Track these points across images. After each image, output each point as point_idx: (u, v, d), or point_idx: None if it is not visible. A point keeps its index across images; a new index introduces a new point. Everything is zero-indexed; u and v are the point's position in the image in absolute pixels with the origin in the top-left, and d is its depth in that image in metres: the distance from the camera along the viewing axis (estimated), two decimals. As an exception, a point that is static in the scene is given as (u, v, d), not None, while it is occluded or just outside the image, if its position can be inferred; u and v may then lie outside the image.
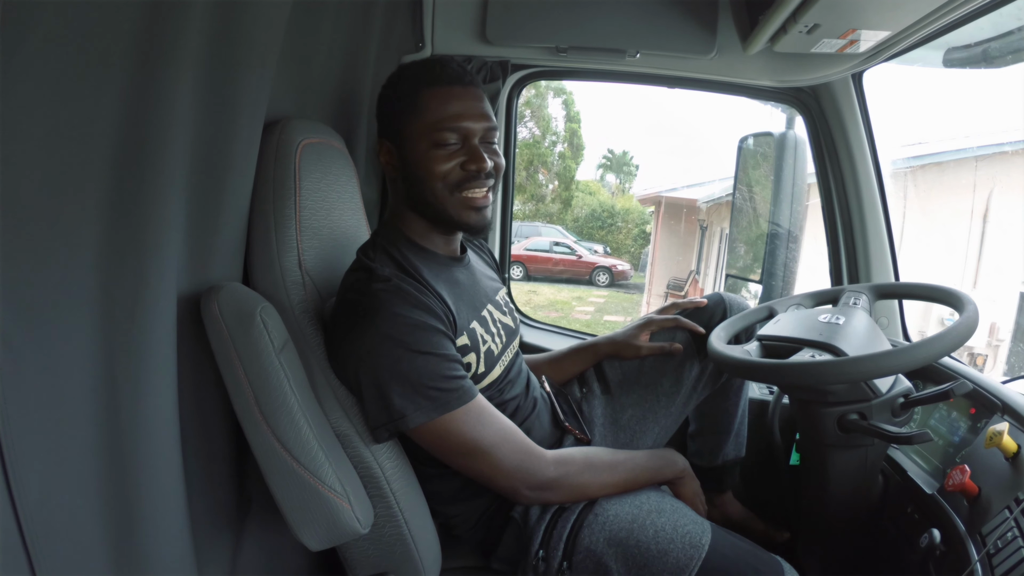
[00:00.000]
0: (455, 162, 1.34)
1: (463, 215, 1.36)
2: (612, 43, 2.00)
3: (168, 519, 1.05)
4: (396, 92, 1.38)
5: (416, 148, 1.34)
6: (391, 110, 1.38)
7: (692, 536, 1.27)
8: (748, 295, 2.97)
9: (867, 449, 1.44)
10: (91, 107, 0.85)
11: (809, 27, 1.59)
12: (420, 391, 1.22)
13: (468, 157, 1.34)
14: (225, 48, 1.08)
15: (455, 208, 1.36)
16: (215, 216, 1.17)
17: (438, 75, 1.35)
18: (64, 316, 0.86)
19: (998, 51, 1.74)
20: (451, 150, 1.33)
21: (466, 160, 1.34)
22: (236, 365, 1.14)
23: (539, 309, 14.15)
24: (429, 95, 1.34)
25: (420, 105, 1.34)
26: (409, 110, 1.34)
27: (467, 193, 1.35)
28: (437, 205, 1.35)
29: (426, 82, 1.35)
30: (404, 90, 1.37)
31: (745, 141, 2.30)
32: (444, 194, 1.34)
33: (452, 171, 1.34)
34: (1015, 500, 1.13)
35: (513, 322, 1.58)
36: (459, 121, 1.33)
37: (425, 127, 1.33)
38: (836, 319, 1.47)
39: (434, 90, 1.34)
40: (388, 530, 1.31)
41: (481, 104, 1.37)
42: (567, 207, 21.66)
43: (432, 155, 1.33)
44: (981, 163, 6.67)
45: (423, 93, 1.34)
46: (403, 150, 1.36)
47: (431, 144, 1.33)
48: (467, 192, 1.35)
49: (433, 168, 1.33)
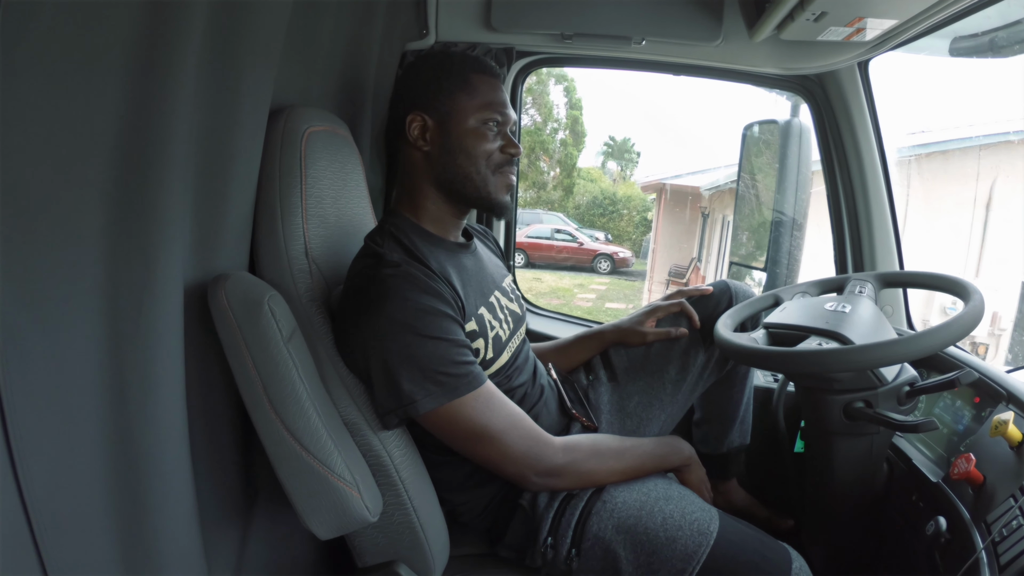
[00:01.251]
0: (496, 144, 1.42)
1: (499, 193, 1.44)
2: (617, 30, 2.00)
3: (176, 510, 1.05)
4: (442, 68, 1.43)
5: (464, 124, 1.40)
6: (437, 84, 1.41)
7: (700, 523, 1.28)
8: (752, 282, 2.97)
9: (872, 437, 1.45)
10: (95, 97, 0.85)
11: (816, 15, 1.58)
12: (430, 376, 1.22)
13: (507, 142, 1.43)
14: (229, 36, 1.08)
15: (494, 186, 1.43)
16: (221, 205, 1.17)
17: (484, 64, 1.45)
18: (70, 307, 0.86)
19: (1005, 40, 1.73)
20: (493, 132, 1.42)
21: (505, 144, 1.43)
22: (244, 354, 1.14)
23: (541, 296, 14.15)
24: (479, 79, 1.42)
25: (472, 84, 1.41)
26: (459, 87, 1.40)
27: (504, 174, 1.44)
28: (478, 180, 1.41)
29: (474, 67, 1.43)
30: (451, 68, 1.42)
31: (750, 129, 2.29)
32: (486, 172, 1.41)
33: (494, 152, 1.42)
34: (1020, 488, 1.13)
35: (520, 308, 1.59)
36: (503, 108, 1.43)
37: (476, 106, 1.40)
38: (842, 307, 1.47)
39: (483, 76, 1.43)
40: (397, 518, 1.31)
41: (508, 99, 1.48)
42: (569, 194, 21.60)
43: (481, 132, 1.40)
44: (985, 152, 6.67)
45: (474, 75, 1.42)
46: (447, 124, 1.41)
47: (480, 122, 1.40)
48: (504, 172, 1.44)
49: (480, 145, 1.40)
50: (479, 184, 1.41)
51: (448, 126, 1.40)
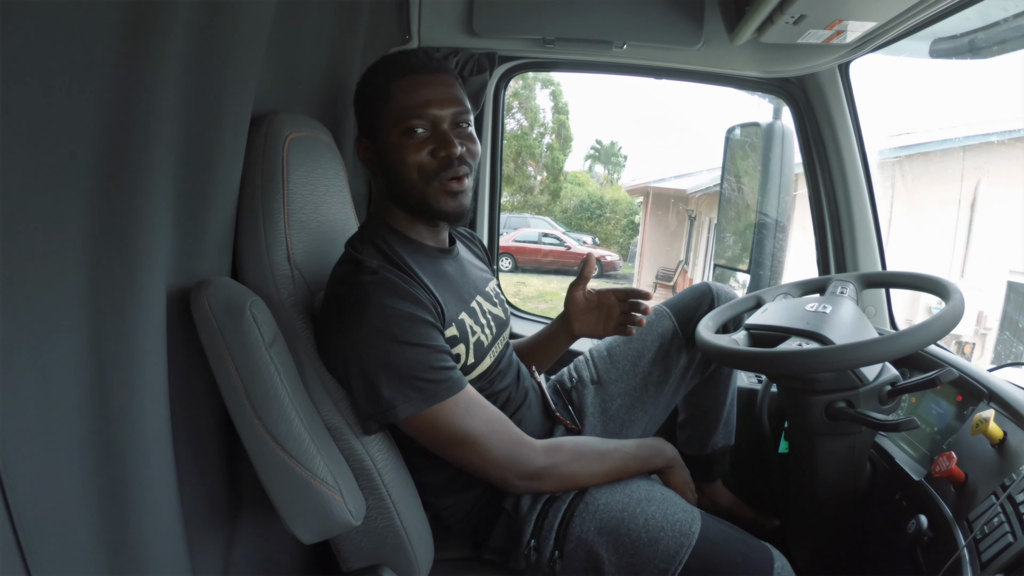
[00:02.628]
0: (426, 150, 1.33)
1: (441, 202, 1.35)
2: (599, 34, 2.01)
3: (161, 515, 1.05)
4: (368, 87, 1.40)
5: (388, 139, 1.34)
6: (364, 105, 1.40)
7: (682, 524, 1.28)
8: (736, 284, 2.98)
9: (855, 437, 1.46)
10: (77, 103, 0.84)
11: (795, 18, 1.60)
12: (409, 382, 1.22)
13: (437, 144, 1.33)
14: (211, 42, 1.07)
15: (433, 196, 1.35)
16: (203, 211, 1.17)
17: (403, 65, 1.36)
18: (53, 313, 0.86)
19: (984, 42, 1.74)
20: (421, 138, 1.33)
21: (435, 147, 1.33)
22: (226, 360, 1.13)
23: (528, 300, 14.13)
24: (396, 85, 1.34)
25: (388, 96, 1.34)
26: (380, 103, 1.35)
27: (443, 180, 1.34)
28: (415, 194, 1.35)
29: (393, 74, 1.35)
30: (375, 84, 1.38)
31: (732, 132, 2.31)
32: (420, 183, 1.34)
33: (425, 159, 1.33)
34: (1001, 486, 1.14)
35: (504, 313, 1.58)
36: (426, 108, 1.33)
37: (394, 117, 1.33)
38: (823, 308, 1.48)
39: (402, 80, 1.34)
40: (380, 522, 1.31)
41: (450, 90, 1.37)
42: (556, 198, 21.62)
43: (403, 144, 1.33)
44: (968, 153, 6.72)
45: (391, 84, 1.35)
46: (377, 143, 1.37)
47: (401, 133, 1.33)
48: (443, 179, 1.34)
49: (405, 158, 1.33)
50: (417, 198, 1.36)
51: (378, 145, 1.37)
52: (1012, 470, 1.16)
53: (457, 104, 1.36)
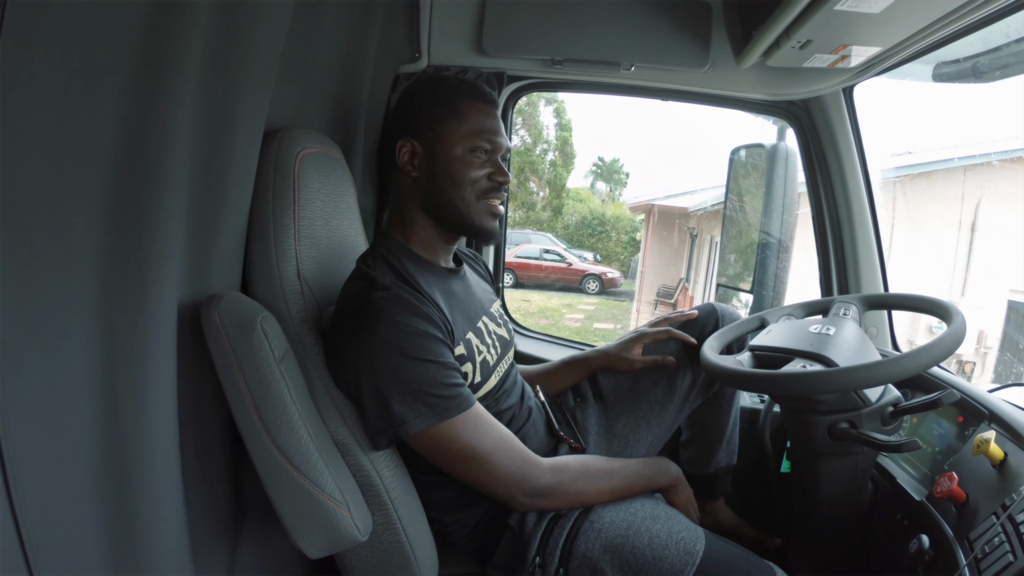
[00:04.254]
0: (484, 172, 1.42)
1: (484, 220, 1.44)
2: (607, 56, 2.02)
3: (166, 527, 1.05)
4: (434, 95, 1.44)
5: (452, 151, 1.40)
6: (427, 111, 1.43)
7: (686, 542, 1.29)
8: (739, 304, 2.99)
9: (857, 457, 1.46)
10: (93, 117, 0.86)
11: (802, 43, 1.61)
12: (420, 398, 1.23)
13: (496, 170, 1.43)
14: (226, 59, 1.09)
15: (479, 213, 1.43)
16: (215, 225, 1.18)
17: (478, 90, 1.45)
18: (65, 325, 0.87)
19: (987, 66, 1.75)
20: (482, 160, 1.42)
21: (494, 172, 1.43)
22: (236, 374, 1.14)
23: (529, 316, 14.13)
24: (470, 105, 1.42)
25: (462, 111, 1.41)
26: (449, 115, 1.41)
27: (490, 201, 1.44)
28: (462, 207, 1.42)
29: (466, 94, 1.43)
30: (443, 95, 1.43)
31: (737, 152, 2.31)
32: (471, 198, 1.41)
33: (481, 179, 1.42)
34: (1002, 506, 1.15)
35: (508, 333, 1.60)
36: (493, 136, 1.43)
37: (465, 134, 1.40)
38: (827, 330, 1.49)
39: (475, 103, 1.43)
40: (386, 537, 1.32)
41: (503, 126, 1.48)
42: (558, 214, 21.62)
43: (468, 160, 1.40)
44: (969, 173, 6.73)
45: (465, 102, 1.42)
46: (435, 151, 1.41)
47: (468, 150, 1.40)
48: (490, 200, 1.44)
49: (466, 172, 1.40)
50: (463, 211, 1.42)
51: (436, 152, 1.41)
52: (1013, 490, 1.17)
53: (508, 141, 1.48)
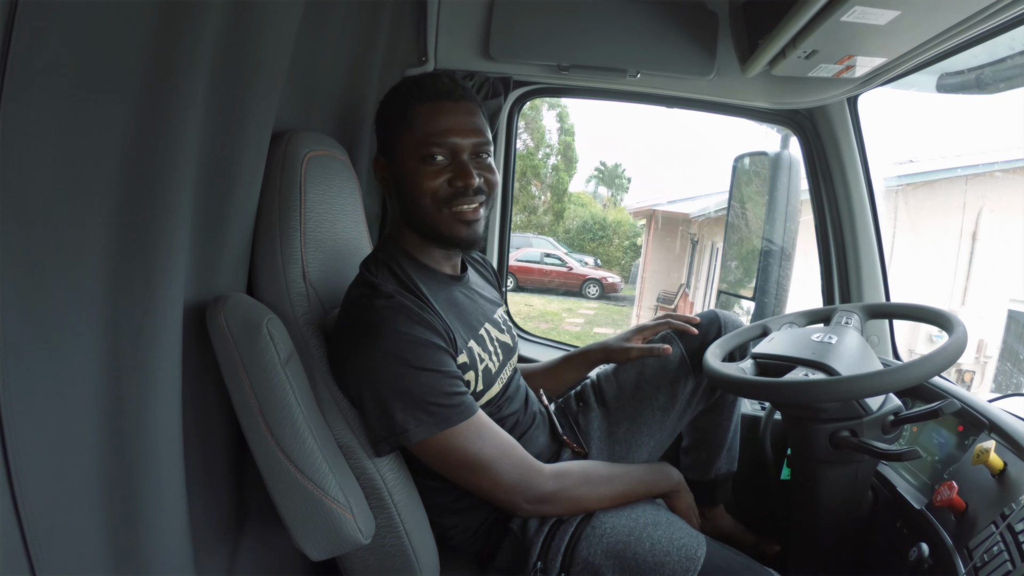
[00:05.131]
0: (444, 178, 1.34)
1: (453, 229, 1.36)
2: (613, 63, 2.03)
3: (169, 527, 1.06)
4: (390, 108, 1.39)
5: (407, 164, 1.34)
6: (385, 125, 1.40)
7: (688, 549, 1.29)
8: (740, 311, 2.99)
9: (857, 465, 1.46)
10: (101, 119, 0.86)
11: (808, 53, 1.62)
12: (422, 407, 1.23)
13: (455, 173, 1.34)
14: (235, 62, 1.10)
15: (445, 223, 1.36)
16: (222, 227, 1.19)
17: (428, 90, 1.35)
18: (71, 324, 0.88)
19: (991, 78, 1.76)
20: (440, 165, 1.33)
21: (453, 176, 1.34)
22: (242, 376, 1.15)
23: (529, 320, 14.13)
24: (419, 110, 1.34)
25: (410, 120, 1.34)
26: (401, 126, 1.35)
27: (456, 208, 1.35)
28: (428, 220, 1.36)
29: (417, 97, 1.35)
30: (397, 105, 1.37)
31: (740, 160, 2.32)
32: (433, 210, 1.35)
33: (440, 187, 1.34)
34: (1001, 516, 1.16)
35: (511, 340, 1.59)
36: (447, 136, 1.33)
37: (414, 142, 1.33)
38: (829, 338, 1.49)
39: (425, 105, 1.34)
40: (389, 540, 1.32)
41: (473, 119, 1.37)
42: (559, 219, 21.62)
43: (421, 171, 1.33)
44: (971, 183, 6.74)
45: (414, 108, 1.34)
46: (395, 166, 1.37)
47: (420, 159, 1.33)
48: (456, 207, 1.35)
49: (422, 184, 1.33)
50: (429, 223, 1.36)
51: (397, 167, 1.37)
52: (1012, 500, 1.17)
53: (479, 135, 1.37)
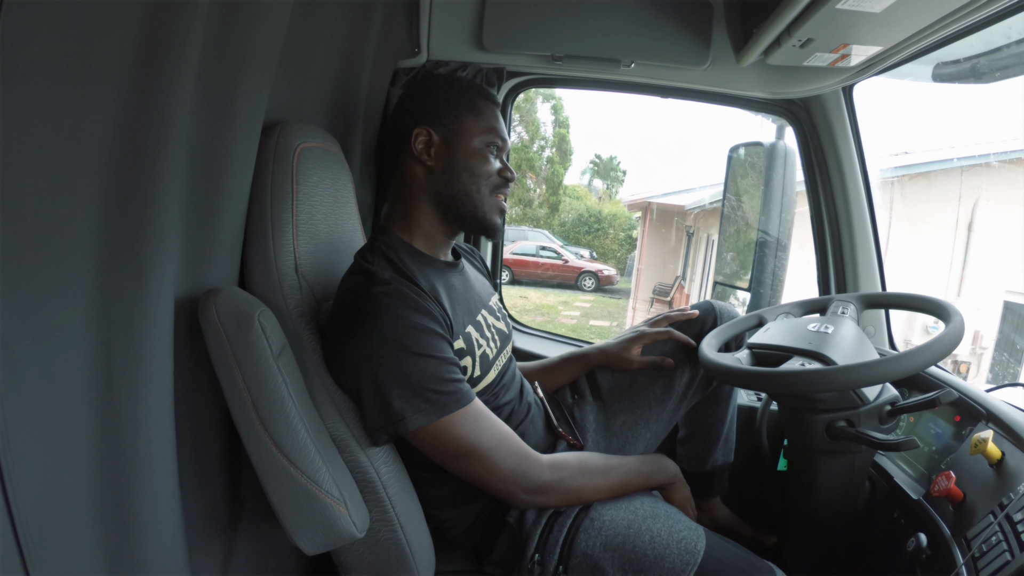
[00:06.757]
0: (495, 167, 1.47)
1: (492, 215, 1.48)
2: (607, 53, 2.02)
3: (162, 523, 1.05)
4: (452, 89, 1.48)
5: (470, 143, 1.45)
6: (446, 102, 1.46)
7: (687, 541, 1.29)
8: (736, 302, 2.99)
9: (854, 455, 1.46)
10: (90, 110, 0.85)
11: (802, 41, 1.61)
12: (419, 393, 1.23)
13: (505, 167, 1.49)
14: (225, 52, 1.09)
15: (488, 207, 1.47)
16: (213, 219, 1.17)
17: (488, 92, 1.51)
18: (62, 319, 0.87)
19: (987, 67, 1.75)
20: (493, 156, 1.47)
21: (503, 169, 1.49)
22: (234, 369, 1.14)
23: (525, 313, 14.13)
24: (482, 104, 1.48)
25: (478, 109, 1.47)
26: (467, 109, 1.46)
27: (498, 196, 1.49)
28: (477, 199, 1.45)
29: (480, 93, 1.49)
30: (460, 90, 1.48)
31: (735, 151, 2.31)
32: (485, 192, 1.46)
33: (493, 174, 1.47)
34: (999, 505, 1.15)
35: (506, 327, 1.60)
36: (503, 135, 1.49)
37: (482, 129, 1.46)
38: (825, 328, 1.49)
39: (487, 103, 1.49)
40: (384, 534, 1.31)
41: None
42: (554, 212, 21.60)
43: (484, 154, 1.45)
44: (966, 174, 6.75)
45: (479, 101, 1.48)
46: (453, 142, 1.45)
47: (484, 144, 1.45)
48: (499, 195, 1.49)
49: (483, 166, 1.45)
50: (477, 203, 1.44)
51: (454, 143, 1.44)
52: (1010, 489, 1.17)
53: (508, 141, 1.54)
